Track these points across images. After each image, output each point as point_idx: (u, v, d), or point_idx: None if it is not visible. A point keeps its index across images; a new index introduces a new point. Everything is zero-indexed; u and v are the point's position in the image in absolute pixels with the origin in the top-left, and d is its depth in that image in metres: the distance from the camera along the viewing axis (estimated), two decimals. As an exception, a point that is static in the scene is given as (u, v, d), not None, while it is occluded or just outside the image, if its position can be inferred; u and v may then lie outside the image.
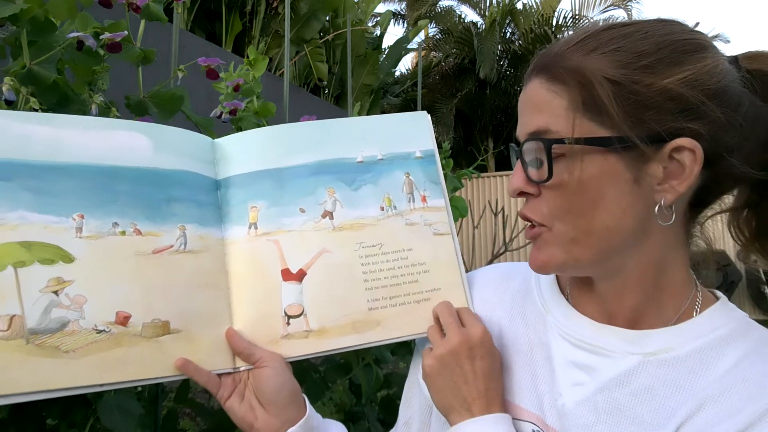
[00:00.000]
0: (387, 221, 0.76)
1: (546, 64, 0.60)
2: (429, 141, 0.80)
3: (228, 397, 0.68)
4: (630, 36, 0.58)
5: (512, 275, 0.77)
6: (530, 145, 0.60)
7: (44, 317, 0.60)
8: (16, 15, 0.86)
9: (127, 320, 0.63)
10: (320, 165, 0.75)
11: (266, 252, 0.71)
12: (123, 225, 0.66)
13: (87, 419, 0.94)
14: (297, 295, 0.71)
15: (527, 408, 0.65)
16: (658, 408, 0.59)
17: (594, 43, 0.58)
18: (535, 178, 0.60)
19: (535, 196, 0.62)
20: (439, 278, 0.75)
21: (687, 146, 0.56)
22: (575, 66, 0.58)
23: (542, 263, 0.63)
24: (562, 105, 0.58)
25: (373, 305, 0.72)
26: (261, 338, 0.69)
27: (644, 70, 0.56)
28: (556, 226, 0.61)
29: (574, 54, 0.59)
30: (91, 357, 0.60)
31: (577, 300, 0.68)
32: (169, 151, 0.70)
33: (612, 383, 0.61)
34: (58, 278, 0.61)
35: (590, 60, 0.57)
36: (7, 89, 0.89)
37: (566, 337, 0.66)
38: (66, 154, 0.65)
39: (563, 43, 0.61)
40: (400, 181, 0.78)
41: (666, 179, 0.57)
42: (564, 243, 0.61)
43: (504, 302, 0.74)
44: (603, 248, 0.60)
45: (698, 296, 0.64)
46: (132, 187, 0.67)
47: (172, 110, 1.11)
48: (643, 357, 0.61)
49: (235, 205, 0.73)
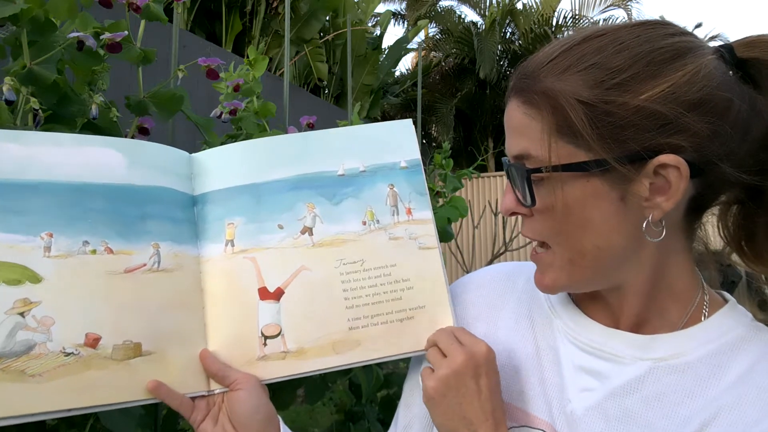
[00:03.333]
0: (369, 236, 0.73)
1: (521, 88, 0.59)
2: (414, 150, 0.77)
3: (201, 421, 0.66)
4: (604, 50, 0.56)
5: (517, 275, 0.75)
6: (512, 170, 0.60)
7: (9, 340, 0.58)
8: (17, 15, 0.86)
9: (97, 342, 0.61)
10: (299, 179, 0.73)
11: (243, 270, 0.70)
12: (94, 243, 0.64)
13: (87, 419, 0.94)
14: (274, 314, 0.69)
15: (537, 415, 0.64)
16: (669, 415, 0.58)
17: (567, 61, 0.57)
18: (522, 201, 0.61)
19: (528, 216, 0.62)
20: (424, 295, 0.72)
21: (671, 163, 0.54)
22: (548, 89, 0.56)
23: (547, 286, 0.63)
24: (538, 129, 0.57)
25: (353, 324, 0.70)
26: (237, 359, 0.67)
27: (618, 88, 0.54)
28: (554, 247, 0.61)
29: (547, 76, 0.57)
30: (59, 381, 0.59)
31: (584, 303, 0.67)
32: (143, 166, 0.69)
33: (622, 389, 0.60)
34: (25, 299, 0.59)
35: (563, 82, 0.56)
36: (7, 89, 0.88)
37: (575, 341, 0.65)
38: (36, 172, 0.63)
39: (538, 61, 0.59)
40: (383, 194, 0.75)
41: (653, 195, 0.56)
42: (563, 264, 0.61)
43: (509, 304, 0.72)
44: (598, 267, 0.60)
45: (705, 299, 0.63)
46: (104, 204, 0.65)
47: (172, 110, 1.11)
48: (653, 363, 0.60)
49: (211, 221, 0.71)
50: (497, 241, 5.29)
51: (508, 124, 0.62)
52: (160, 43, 1.22)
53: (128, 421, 0.93)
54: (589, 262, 0.59)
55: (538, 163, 0.58)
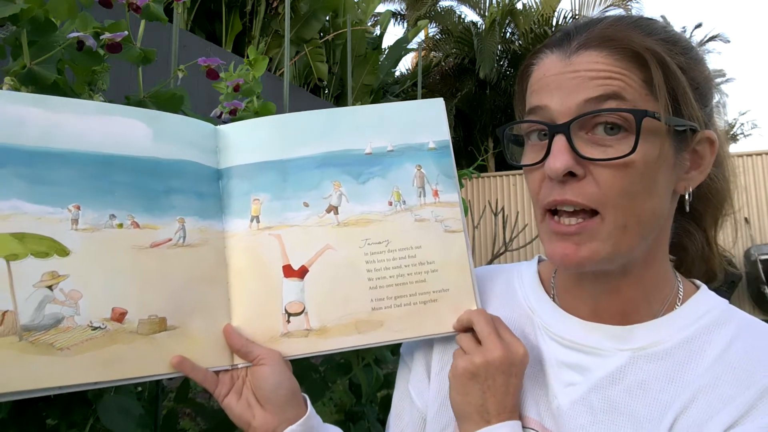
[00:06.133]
0: (395, 217, 0.72)
1: (609, 37, 0.57)
2: (443, 130, 0.75)
3: (226, 395, 0.67)
4: (666, 27, 0.60)
5: (493, 278, 0.75)
6: (607, 115, 0.55)
7: (38, 313, 0.58)
8: (17, 15, 0.86)
9: (123, 317, 0.61)
10: (326, 157, 0.73)
11: (268, 247, 0.70)
12: (120, 217, 0.63)
13: (87, 419, 0.94)
14: (298, 292, 0.69)
15: (528, 414, 0.65)
16: (652, 402, 0.59)
17: (648, 28, 0.59)
18: (599, 154, 0.56)
19: (579, 178, 0.57)
20: (449, 279, 0.71)
21: (711, 137, 0.59)
22: (648, 47, 0.56)
23: (582, 260, 0.58)
24: (637, 82, 0.56)
25: (376, 305, 0.70)
26: (260, 336, 0.68)
27: (695, 61, 0.59)
28: (609, 212, 0.56)
29: (636, 34, 0.57)
30: (86, 354, 0.59)
31: (563, 299, 0.68)
32: (169, 139, 0.68)
33: (605, 381, 0.61)
34: (53, 272, 0.59)
35: (656, 43, 0.57)
36: (7, 89, 0.89)
37: (555, 338, 0.66)
38: (62, 141, 0.62)
39: (613, 20, 0.60)
40: (410, 174, 0.74)
41: (691, 168, 0.60)
42: (613, 232, 0.57)
43: (489, 307, 0.72)
44: (644, 235, 0.59)
45: (680, 287, 0.65)
46: (130, 178, 0.65)
47: (172, 110, 1.11)
48: (633, 353, 0.61)
49: (237, 197, 0.70)
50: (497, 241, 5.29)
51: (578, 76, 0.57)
52: (160, 43, 1.22)
53: (128, 421, 0.93)
54: (641, 229, 0.58)
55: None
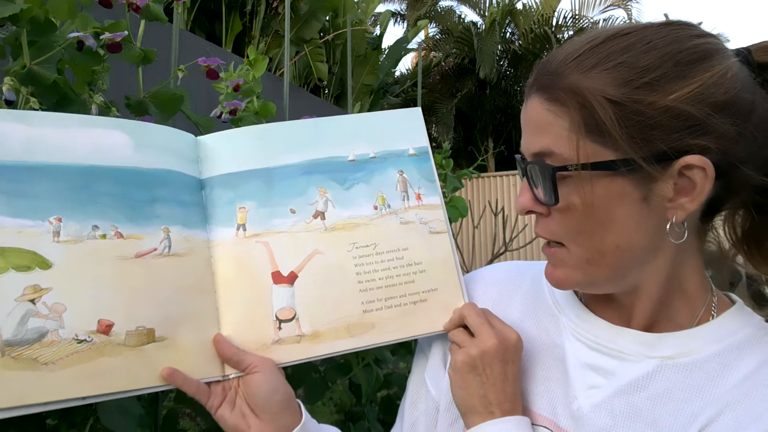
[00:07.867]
0: (381, 220, 0.74)
1: (544, 84, 0.58)
2: (422, 138, 0.78)
3: (218, 406, 0.66)
4: (632, 48, 0.55)
5: (521, 275, 0.75)
6: (535, 167, 0.59)
7: (20, 328, 0.56)
8: (17, 15, 0.86)
9: (110, 329, 0.60)
10: (311, 164, 0.74)
11: (256, 254, 0.69)
12: (103, 228, 0.62)
13: (87, 419, 0.94)
14: (288, 298, 0.69)
15: (540, 412, 0.64)
16: (677, 412, 0.58)
17: (593, 59, 0.56)
18: (542, 200, 0.59)
19: (545, 215, 0.61)
20: (436, 278, 0.73)
21: (697, 164, 0.54)
22: (575, 86, 0.56)
23: (559, 280, 0.63)
24: (564, 127, 0.56)
25: (367, 307, 0.70)
26: (251, 344, 0.67)
27: (647, 87, 0.54)
28: (571, 247, 0.60)
29: (573, 72, 0.56)
30: (72, 368, 0.57)
31: (591, 302, 0.67)
32: (150, 149, 0.67)
33: (629, 387, 0.60)
34: (35, 286, 0.58)
35: (590, 79, 0.55)
36: (7, 89, 0.88)
37: (581, 338, 0.65)
38: (42, 154, 0.61)
39: (563, 57, 0.58)
40: (393, 179, 0.76)
41: (677, 196, 0.56)
42: (579, 263, 0.60)
43: (513, 303, 0.72)
44: (616, 266, 0.59)
45: (714, 300, 0.63)
46: (113, 188, 0.64)
47: (172, 110, 1.11)
48: (661, 361, 0.60)
49: (221, 205, 0.70)
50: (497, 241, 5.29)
51: (527, 120, 0.61)
52: (160, 43, 1.21)
53: (128, 421, 0.92)
54: (608, 262, 0.59)
55: (561, 161, 0.57)
